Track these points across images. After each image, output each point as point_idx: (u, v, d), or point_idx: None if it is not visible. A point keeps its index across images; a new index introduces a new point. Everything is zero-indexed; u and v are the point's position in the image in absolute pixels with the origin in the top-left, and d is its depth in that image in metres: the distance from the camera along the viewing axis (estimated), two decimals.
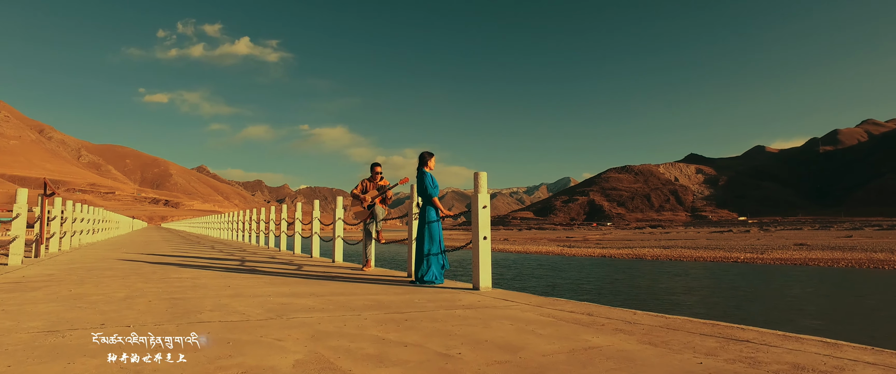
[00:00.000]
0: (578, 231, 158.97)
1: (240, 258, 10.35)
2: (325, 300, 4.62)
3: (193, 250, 13.27)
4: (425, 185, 6.22)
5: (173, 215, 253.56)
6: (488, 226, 5.75)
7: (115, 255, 10.87)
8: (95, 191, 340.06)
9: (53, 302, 4.31)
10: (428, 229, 6.11)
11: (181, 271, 7.35)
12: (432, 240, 6.10)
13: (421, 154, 6.46)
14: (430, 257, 6.10)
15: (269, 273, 7.22)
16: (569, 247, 58.91)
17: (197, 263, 9.03)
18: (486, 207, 5.76)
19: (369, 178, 8.21)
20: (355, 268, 8.38)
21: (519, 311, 4.24)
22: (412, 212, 7.02)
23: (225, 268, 8.01)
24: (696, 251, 46.19)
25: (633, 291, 21.35)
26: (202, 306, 4.20)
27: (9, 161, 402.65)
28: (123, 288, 5.31)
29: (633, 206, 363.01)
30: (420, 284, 6.04)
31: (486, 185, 5.83)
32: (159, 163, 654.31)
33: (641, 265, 34.67)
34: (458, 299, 4.84)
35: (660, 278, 26.64)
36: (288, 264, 8.97)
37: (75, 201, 14.48)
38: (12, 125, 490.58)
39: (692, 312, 15.74)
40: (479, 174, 5.79)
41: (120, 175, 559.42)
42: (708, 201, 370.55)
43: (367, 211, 8.06)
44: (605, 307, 4.47)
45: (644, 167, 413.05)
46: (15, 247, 8.40)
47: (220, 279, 6.26)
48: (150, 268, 7.77)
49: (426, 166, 6.37)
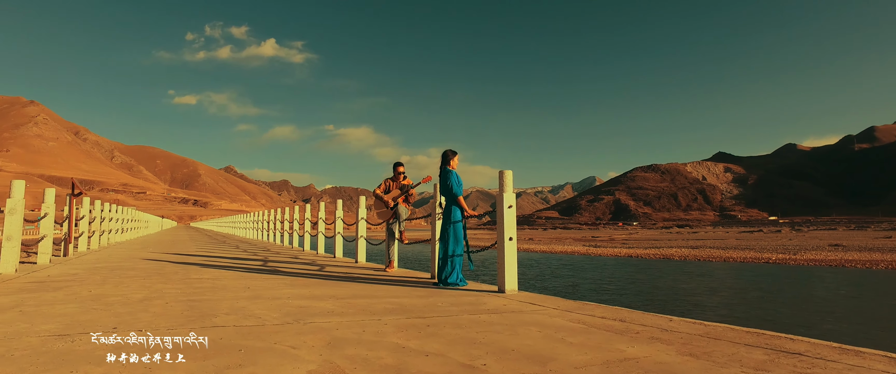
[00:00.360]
0: (604, 231, 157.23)
1: (263, 258, 10.31)
2: (345, 303, 4.47)
3: (218, 250, 13.31)
4: (449, 184, 6.03)
5: (202, 215, 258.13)
6: (514, 226, 5.54)
7: (140, 254, 10.93)
8: (128, 191, 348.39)
9: (71, 303, 4.24)
10: (452, 230, 5.93)
11: (203, 271, 7.30)
12: (456, 241, 5.92)
13: (444, 153, 6.28)
14: (455, 258, 5.92)
15: (291, 274, 7.12)
16: (594, 247, 58.19)
17: (220, 263, 8.99)
18: (511, 207, 5.55)
19: (392, 177, 8.07)
20: (378, 269, 8.24)
21: (547, 316, 4.03)
22: (435, 212, 6.85)
23: (247, 268, 7.94)
24: (726, 252, 45.14)
25: (655, 291, 20.98)
26: (219, 309, 4.08)
27: (47, 162, 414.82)
28: (143, 289, 5.24)
29: (660, 205, 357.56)
30: (444, 286, 5.86)
31: (512, 184, 5.63)
32: (188, 163, 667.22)
33: (666, 266, 34.00)
34: (482, 303, 4.64)
35: (682, 279, 26.16)
36: (310, 265, 8.88)
37: (109, 201, 14.67)
38: (50, 127, 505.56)
39: (715, 314, 15.33)
40: (505, 173, 5.59)
41: (151, 175, 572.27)
42: (737, 201, 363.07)
43: (390, 211, 7.92)
44: (638, 313, 4.23)
45: (671, 166, 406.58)
46: (43, 246, 8.47)
47: (240, 280, 6.17)
48: (173, 268, 7.74)
49: (449, 165, 6.19)
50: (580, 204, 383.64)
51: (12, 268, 6.75)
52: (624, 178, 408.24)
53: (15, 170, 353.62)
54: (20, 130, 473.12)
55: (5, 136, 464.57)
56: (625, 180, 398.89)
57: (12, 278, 6.21)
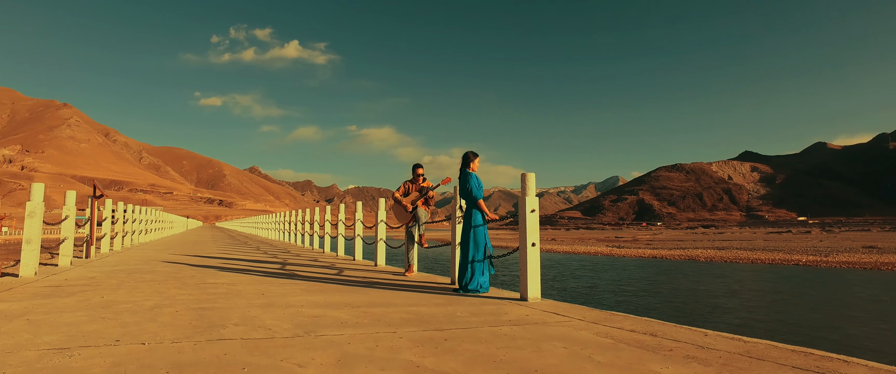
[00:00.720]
0: (628, 231, 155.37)
1: (282, 261, 10.22)
2: (360, 313, 4.29)
3: (238, 252, 13.29)
4: (469, 186, 5.82)
5: (227, 215, 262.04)
6: (537, 231, 5.31)
7: (161, 256, 10.94)
8: (155, 191, 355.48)
9: (81, 311, 4.14)
10: (473, 234, 5.72)
11: (220, 275, 7.20)
12: (476, 246, 5.70)
13: (464, 154, 6.07)
14: (475, 263, 5.70)
15: (308, 278, 6.98)
16: (618, 247, 57.47)
17: (238, 266, 8.91)
18: (534, 211, 5.32)
19: (411, 180, 7.88)
20: (397, 273, 8.07)
21: (573, 329, 3.80)
22: (455, 215, 6.64)
23: (264, 272, 7.83)
24: (753, 253, 44.12)
25: (675, 293, 20.76)
26: (229, 318, 3.93)
27: (79, 163, 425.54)
28: (156, 295, 5.13)
29: (685, 205, 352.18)
30: (464, 293, 5.66)
31: (535, 187, 5.40)
32: (214, 164, 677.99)
33: (690, 267, 33.36)
34: (504, 313, 4.42)
35: (702, 280, 25.79)
36: (329, 268, 8.75)
37: (137, 201, 14.76)
38: (83, 129, 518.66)
39: (736, 317, 14.91)
40: (527, 176, 5.36)
41: (177, 176, 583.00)
42: (764, 201, 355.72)
43: (410, 214, 7.74)
44: (670, 326, 3.96)
45: (696, 165, 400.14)
46: (64, 248, 8.48)
47: (256, 286, 6.04)
48: (190, 272, 7.67)
49: (469, 167, 5.98)
50: (603, 204, 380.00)
51: (32, 271, 6.73)
52: (648, 177, 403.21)
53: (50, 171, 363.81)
54: (54, 133, 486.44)
55: (40, 138, 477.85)
56: (649, 180, 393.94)
57: (31, 281, 6.17)
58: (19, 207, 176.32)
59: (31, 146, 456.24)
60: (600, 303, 17.49)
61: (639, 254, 46.96)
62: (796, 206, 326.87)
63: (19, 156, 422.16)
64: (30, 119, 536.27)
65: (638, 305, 17.48)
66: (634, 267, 33.18)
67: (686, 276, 28.05)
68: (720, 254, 44.39)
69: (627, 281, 24.89)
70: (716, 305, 17.50)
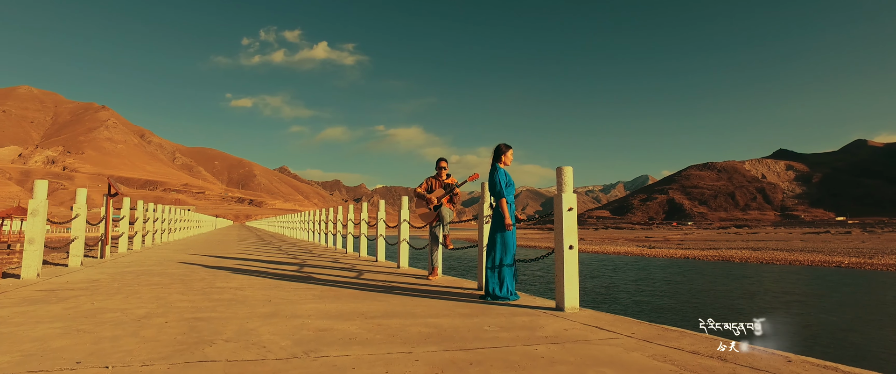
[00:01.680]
0: (658, 231, 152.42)
1: (300, 262, 9.77)
2: (374, 326, 3.74)
3: (258, 252, 12.92)
4: (495, 182, 5.23)
5: (257, 214, 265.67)
6: (575, 232, 4.68)
7: (178, 257, 10.60)
8: (188, 191, 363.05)
9: (60, 321, 3.68)
10: (501, 236, 5.12)
11: (231, 278, 6.75)
12: (505, 249, 5.10)
13: (496, 147, 5.43)
14: (504, 268, 5.11)
15: (324, 282, 6.48)
16: (648, 247, 56.05)
17: (253, 268, 8.48)
18: (571, 209, 4.70)
19: (435, 175, 7.32)
20: (420, 275, 7.51)
21: (622, 348, 3.19)
22: (483, 214, 6.05)
23: (279, 275, 7.37)
24: (791, 254, 42.41)
25: (694, 294, 20.17)
26: (222, 332, 3.42)
27: (116, 163, 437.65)
28: (153, 301, 4.68)
29: (716, 205, 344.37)
30: (491, 300, 5.07)
31: (572, 182, 4.77)
32: (244, 164, 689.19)
33: (718, 268, 32.18)
34: (538, 327, 3.83)
35: (720, 280, 25.06)
36: (349, 270, 8.25)
37: (170, 201, 14.57)
38: (119, 131, 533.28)
39: (753, 319, 14.15)
40: (563, 169, 4.75)
41: (209, 176, 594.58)
42: (800, 200, 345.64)
43: (434, 212, 7.17)
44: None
45: (728, 164, 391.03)
46: (75, 248, 8.15)
47: (265, 291, 5.55)
48: (202, 273, 7.24)
49: (501, 161, 5.36)
50: (632, 203, 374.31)
51: (34, 272, 6.38)
52: (678, 176, 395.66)
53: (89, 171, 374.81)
54: (93, 134, 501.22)
55: (80, 139, 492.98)
56: (679, 179, 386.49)
57: (29, 284, 5.81)
58: (62, 205, 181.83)
59: (72, 147, 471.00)
60: (615, 302, 17.06)
61: (670, 254, 45.64)
62: (834, 206, 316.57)
63: (61, 157, 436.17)
64: (71, 121, 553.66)
65: (654, 305, 17.05)
66: (656, 267, 32.34)
67: (706, 276, 27.39)
68: (755, 255, 42.84)
69: (647, 281, 24.25)
70: (732, 306, 16.92)
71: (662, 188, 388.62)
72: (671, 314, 15.27)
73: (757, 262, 38.08)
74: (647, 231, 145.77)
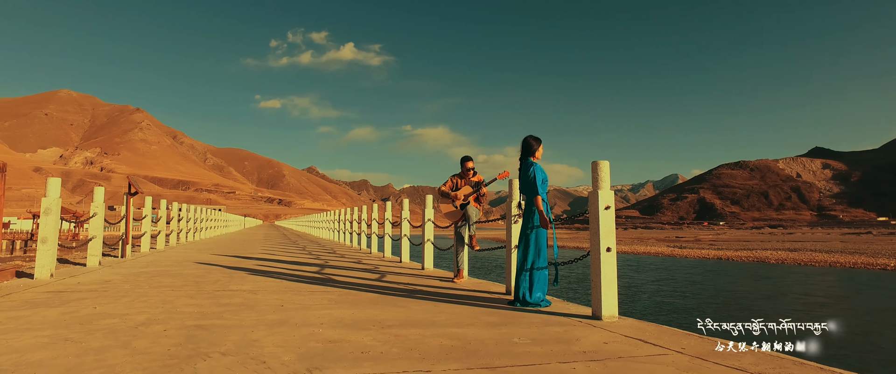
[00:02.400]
0: (689, 231, 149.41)
1: (322, 263, 9.48)
2: (391, 336, 3.36)
3: (281, 252, 12.70)
4: (530, 179, 4.78)
5: (286, 214, 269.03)
6: (613, 233, 4.24)
7: (199, 256, 10.41)
8: (219, 191, 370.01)
9: (50, 329, 3.39)
10: (533, 236, 4.69)
11: (246, 280, 6.46)
12: (538, 250, 4.67)
13: (525, 141, 4.95)
14: (535, 271, 4.68)
15: (343, 285, 6.14)
16: (679, 248, 54.72)
17: (272, 269, 8.20)
18: (609, 208, 4.26)
19: (460, 174, 6.92)
20: (445, 278, 7.13)
21: (672, 368, 2.74)
22: (512, 213, 5.63)
23: (297, 277, 7.06)
24: (830, 255, 40.81)
25: (717, 294, 19.65)
26: (221, 343, 3.08)
27: (150, 164, 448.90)
28: (158, 306, 4.38)
29: (749, 204, 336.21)
30: (521, 306, 4.65)
31: (609, 178, 4.33)
32: (273, 164, 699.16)
33: (754, 269, 31.14)
34: (574, 339, 3.41)
35: (743, 280, 24.42)
36: (371, 272, 7.91)
37: (202, 201, 14.52)
38: (153, 132, 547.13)
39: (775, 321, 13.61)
40: (599, 164, 4.30)
41: (239, 176, 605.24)
42: (837, 200, 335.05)
43: (460, 212, 6.78)
44: (812, 368, 2.82)
45: (761, 163, 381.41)
46: (92, 248, 7.99)
47: (279, 294, 5.22)
48: (217, 275, 6.98)
49: (533, 156, 4.92)
50: (662, 203, 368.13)
51: (48, 272, 6.19)
52: (709, 175, 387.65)
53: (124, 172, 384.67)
54: (128, 136, 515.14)
55: (116, 141, 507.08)
56: (710, 178, 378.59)
57: (40, 284, 5.60)
58: None
59: (108, 149, 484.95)
60: (635, 303, 16.67)
61: (702, 255, 44.43)
62: (875, 206, 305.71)
63: (99, 158, 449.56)
64: (107, 124, 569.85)
65: (675, 306, 16.61)
66: (680, 268, 31.56)
67: (728, 276, 26.69)
68: (793, 256, 41.37)
69: (667, 281, 23.66)
70: (748, 307, 16.34)
71: (693, 187, 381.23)
72: (687, 314, 14.78)
73: (794, 263, 36.76)
74: (677, 231, 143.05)
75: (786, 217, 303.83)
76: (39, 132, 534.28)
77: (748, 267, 33.03)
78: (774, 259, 39.64)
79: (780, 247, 55.62)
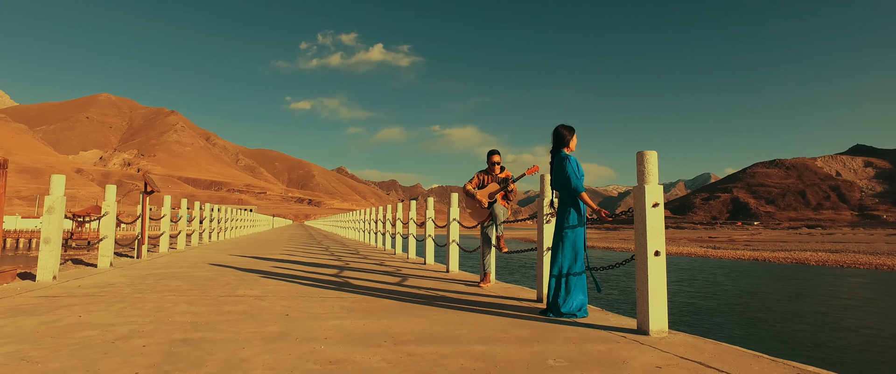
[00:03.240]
0: (722, 231, 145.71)
1: (342, 265, 9.05)
2: (403, 356, 2.85)
3: (302, 252, 12.34)
4: (566, 173, 4.17)
5: (315, 214, 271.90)
6: (662, 233, 3.66)
7: (216, 257, 10.09)
8: (250, 191, 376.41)
9: (15, 344, 2.95)
10: (568, 237, 4.13)
11: (257, 284, 6.04)
12: (575, 253, 4.12)
13: (556, 131, 4.36)
14: (571, 277, 4.13)
15: (360, 290, 5.67)
16: (713, 248, 53.01)
17: (287, 270, 7.79)
18: (657, 205, 3.68)
19: (486, 169, 6.40)
20: (471, 282, 6.61)
21: None
22: (543, 212, 5.08)
23: (312, 280, 6.62)
24: (876, 258, 38.87)
25: (740, 294, 18.99)
26: (204, 363, 2.61)
27: (184, 165, 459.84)
28: (151, 314, 3.96)
29: (785, 204, 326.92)
30: (555, 316, 4.11)
31: (657, 171, 3.76)
32: (303, 165, 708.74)
33: (791, 271, 29.81)
34: (620, 360, 2.85)
35: (768, 283, 23.35)
36: (392, 274, 7.44)
37: (233, 201, 14.36)
38: (187, 134, 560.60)
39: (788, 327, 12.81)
40: (646, 155, 3.73)
41: (270, 177, 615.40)
42: (881, 199, 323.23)
43: (486, 211, 6.26)
44: None
45: (797, 161, 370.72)
46: (103, 248, 7.70)
47: (287, 301, 4.76)
48: (229, 277, 6.58)
49: (567, 147, 4.34)
50: (694, 202, 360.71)
51: (50, 274, 5.87)
52: (743, 174, 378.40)
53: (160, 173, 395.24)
54: (163, 138, 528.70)
55: (152, 142, 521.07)
56: (744, 177, 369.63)
57: (39, 287, 5.27)
58: (136, 205, 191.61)
59: (145, 150, 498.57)
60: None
61: (737, 256, 42.85)
62: None
63: (136, 159, 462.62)
64: (144, 126, 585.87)
65: (699, 307, 15.84)
66: (699, 269, 30.53)
67: (752, 277, 25.64)
68: (834, 258, 39.54)
69: (689, 282, 22.76)
70: (773, 310, 15.46)
71: (726, 187, 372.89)
72: (709, 316, 14.06)
73: (835, 265, 35.12)
74: (710, 231, 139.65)
75: (824, 217, 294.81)
76: (81, 135, 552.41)
77: (780, 269, 31.76)
78: (815, 261, 38.05)
79: (819, 248, 53.52)
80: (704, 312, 14.65)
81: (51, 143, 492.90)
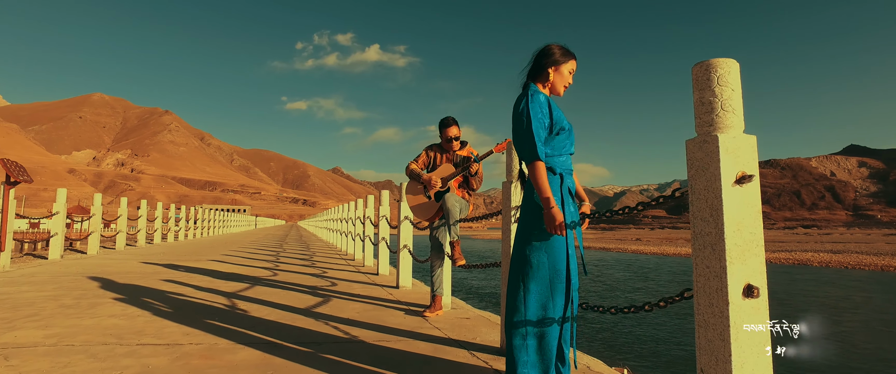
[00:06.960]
0: None
1: (266, 275, 7.10)
2: None
3: (242, 257, 10.31)
4: (525, 123, 2.13)
5: (311, 214, 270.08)
6: (760, 244, 1.69)
7: (157, 258, 8.13)
8: (245, 191, 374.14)
9: None
10: (537, 253, 2.12)
11: (96, 307, 4.07)
12: (549, 280, 2.12)
13: (534, 56, 2.33)
14: (546, 329, 2.14)
15: (227, 327, 3.72)
16: None
17: (190, 282, 5.83)
18: (747, 178, 1.72)
19: (438, 145, 4.41)
20: (418, 307, 4.67)
21: None
22: (509, 204, 3.09)
23: (200, 304, 4.66)
24: (880, 258, 37.28)
25: None
26: None
27: (178, 165, 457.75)
28: None
29: (780, 204, 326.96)
30: None
31: (740, 98, 1.79)
32: (299, 165, 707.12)
33: (796, 272, 28.24)
34: None
35: (797, 285, 22.11)
36: (312, 293, 5.50)
37: (228, 201, 12.53)
38: (181, 134, 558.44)
39: None
40: (718, 64, 1.78)
41: (265, 177, 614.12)
42: (875, 199, 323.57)
43: (435, 204, 4.27)
44: None
45: (792, 161, 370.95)
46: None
47: (85, 351, 2.81)
48: (76, 294, 4.61)
49: (544, 82, 2.30)
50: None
51: None
52: None
53: (154, 173, 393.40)
54: (157, 138, 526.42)
55: (146, 142, 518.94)
56: None
57: None
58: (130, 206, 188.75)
59: (138, 150, 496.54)
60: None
61: None
62: None
63: (129, 159, 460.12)
64: (138, 126, 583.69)
65: None
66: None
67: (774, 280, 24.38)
68: (837, 258, 37.96)
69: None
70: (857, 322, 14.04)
71: None
72: None
73: (838, 266, 33.54)
74: None
75: (819, 217, 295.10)
76: (74, 135, 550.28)
77: (784, 270, 30.16)
78: (817, 262, 36.62)
79: (818, 248, 52.16)
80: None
81: (43, 143, 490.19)
